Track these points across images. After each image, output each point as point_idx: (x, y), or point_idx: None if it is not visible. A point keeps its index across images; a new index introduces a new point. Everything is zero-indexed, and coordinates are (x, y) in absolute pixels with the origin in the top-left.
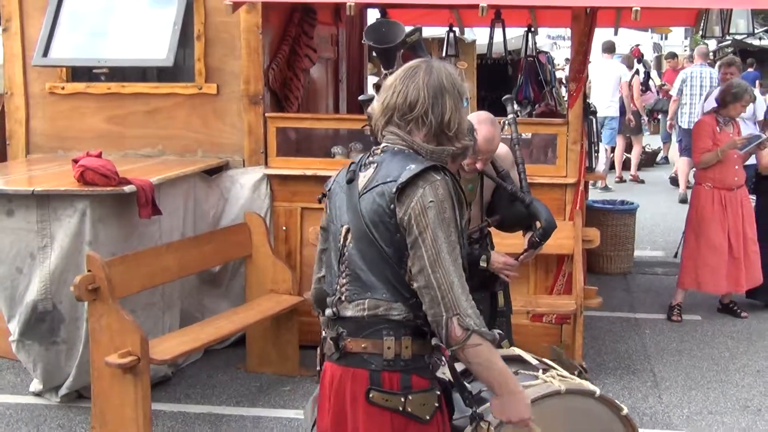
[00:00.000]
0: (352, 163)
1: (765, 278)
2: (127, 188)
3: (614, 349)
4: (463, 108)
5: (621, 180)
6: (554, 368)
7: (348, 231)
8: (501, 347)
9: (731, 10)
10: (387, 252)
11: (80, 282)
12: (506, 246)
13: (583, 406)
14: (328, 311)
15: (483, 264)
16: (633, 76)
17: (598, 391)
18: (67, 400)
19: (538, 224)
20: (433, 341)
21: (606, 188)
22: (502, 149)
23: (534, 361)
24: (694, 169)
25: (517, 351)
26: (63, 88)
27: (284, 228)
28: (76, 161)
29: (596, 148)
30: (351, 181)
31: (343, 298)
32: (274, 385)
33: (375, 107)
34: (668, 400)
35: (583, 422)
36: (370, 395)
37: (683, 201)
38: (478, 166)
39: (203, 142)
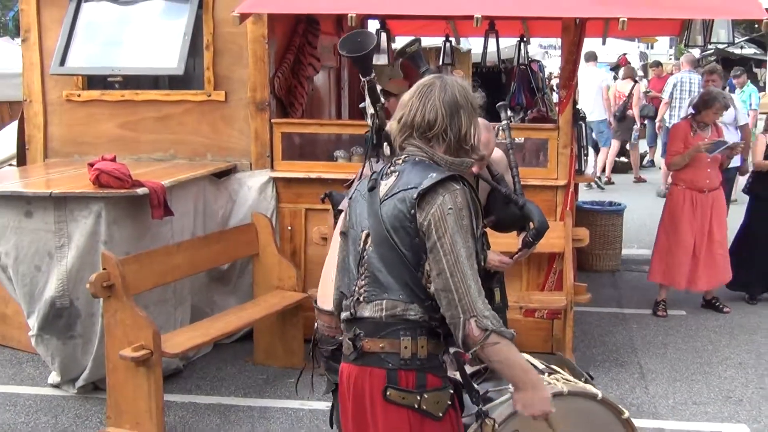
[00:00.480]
0: (374, 172)
1: (750, 272)
2: (140, 190)
3: (603, 343)
4: (477, 120)
5: (609, 182)
6: (559, 372)
7: (368, 235)
8: None
9: (713, 20)
10: (406, 255)
11: (96, 279)
12: (501, 245)
13: (586, 408)
14: (345, 313)
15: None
16: (634, 85)
17: (600, 394)
18: (83, 391)
19: (531, 225)
20: (452, 350)
21: (596, 184)
22: (497, 153)
23: (541, 366)
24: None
25: (525, 356)
26: (79, 96)
27: (289, 228)
28: (91, 165)
29: (585, 151)
30: (372, 189)
31: (361, 298)
32: (280, 377)
33: (392, 124)
34: (654, 391)
35: (585, 424)
36: (387, 393)
37: (662, 196)
38: (474, 169)
39: (212, 147)
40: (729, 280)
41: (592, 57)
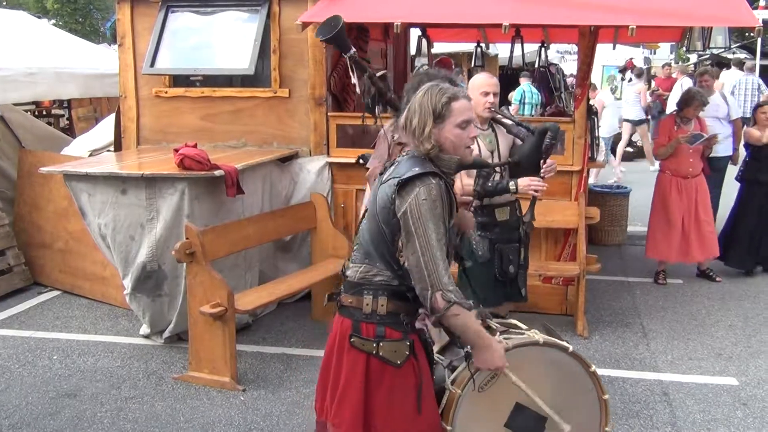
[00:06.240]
0: (391, 162)
1: (741, 247)
2: (217, 172)
3: (610, 306)
4: (434, 120)
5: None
6: (534, 330)
7: (365, 211)
8: (519, 300)
9: (711, 27)
10: (385, 231)
11: (180, 247)
12: (548, 223)
13: (558, 359)
14: (341, 269)
15: (512, 188)
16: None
17: (570, 348)
18: (169, 341)
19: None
20: (421, 310)
21: None
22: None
23: (524, 327)
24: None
25: (513, 321)
26: (166, 92)
27: (342, 205)
28: (176, 150)
29: (597, 141)
30: (382, 173)
31: (351, 259)
32: None
33: None
34: (655, 348)
35: (557, 373)
36: (352, 339)
37: None
38: (487, 105)
39: (277, 136)
40: (718, 254)
41: (738, 63)
